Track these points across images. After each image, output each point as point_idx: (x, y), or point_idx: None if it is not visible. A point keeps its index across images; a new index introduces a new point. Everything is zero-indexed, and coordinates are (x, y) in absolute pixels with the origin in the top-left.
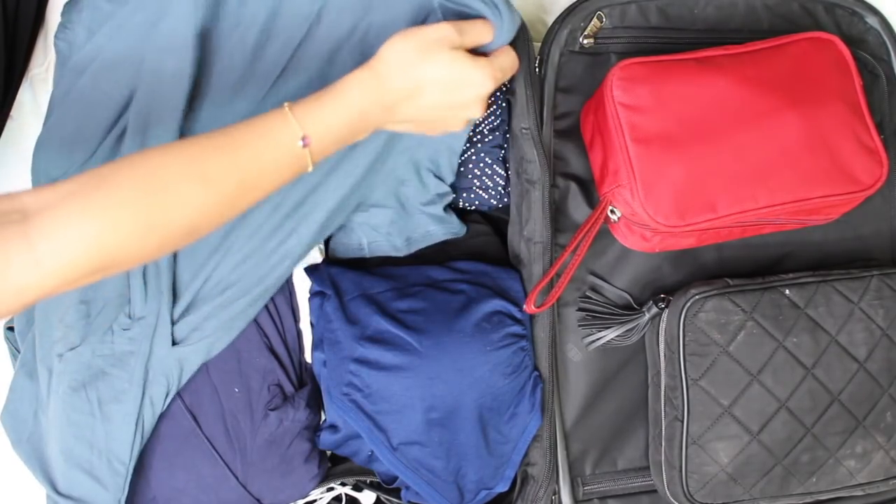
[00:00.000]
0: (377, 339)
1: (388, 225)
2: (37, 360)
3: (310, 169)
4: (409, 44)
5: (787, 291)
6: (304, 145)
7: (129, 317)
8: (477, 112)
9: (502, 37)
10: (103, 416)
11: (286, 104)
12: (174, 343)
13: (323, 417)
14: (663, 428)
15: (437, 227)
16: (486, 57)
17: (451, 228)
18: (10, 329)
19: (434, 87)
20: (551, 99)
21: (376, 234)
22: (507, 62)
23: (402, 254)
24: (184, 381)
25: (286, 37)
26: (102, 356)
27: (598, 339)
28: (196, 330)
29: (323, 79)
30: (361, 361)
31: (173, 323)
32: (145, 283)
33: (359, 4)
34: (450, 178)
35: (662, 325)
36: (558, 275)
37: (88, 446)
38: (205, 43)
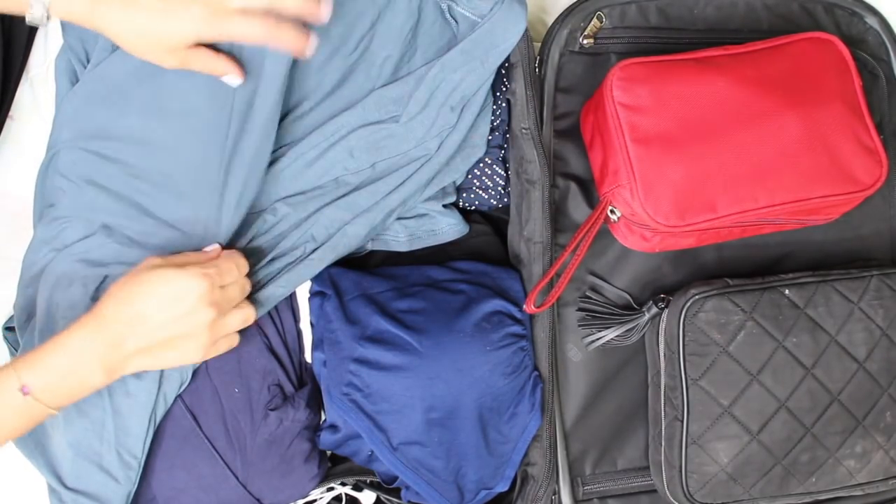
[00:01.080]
0: (377, 339)
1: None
2: None
3: (53, 413)
4: (119, 281)
5: (787, 291)
6: (25, 394)
7: None
8: (207, 316)
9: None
10: (114, 410)
11: (10, 361)
12: None
13: (323, 417)
14: (663, 428)
15: (439, 224)
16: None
17: (455, 226)
18: (10, 329)
19: (150, 306)
20: (551, 99)
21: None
22: (224, 263)
23: (403, 248)
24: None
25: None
26: None
27: (598, 339)
28: None
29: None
30: (361, 361)
31: None
32: None
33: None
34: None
35: (662, 325)
36: (558, 275)
37: (98, 439)
38: None
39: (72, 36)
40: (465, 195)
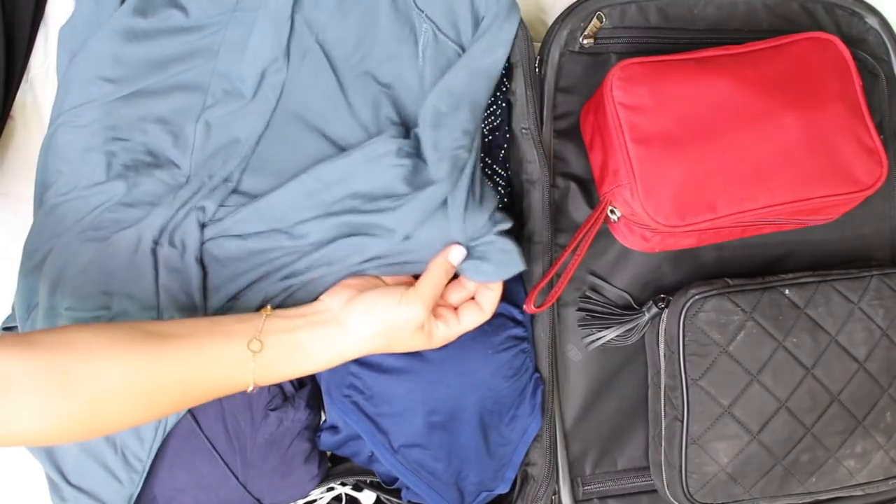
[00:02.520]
0: None
1: None
2: None
3: (250, 390)
4: (382, 323)
5: (787, 291)
6: (251, 391)
7: None
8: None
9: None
10: None
11: (253, 345)
12: None
13: (323, 418)
14: (663, 428)
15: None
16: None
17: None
18: (9, 329)
19: (398, 345)
20: (551, 99)
21: None
22: (488, 295)
23: None
24: None
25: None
26: None
27: (598, 339)
28: None
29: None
30: (363, 364)
31: None
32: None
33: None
34: None
35: (662, 325)
36: (558, 275)
37: (105, 438)
38: None
39: None
40: None
